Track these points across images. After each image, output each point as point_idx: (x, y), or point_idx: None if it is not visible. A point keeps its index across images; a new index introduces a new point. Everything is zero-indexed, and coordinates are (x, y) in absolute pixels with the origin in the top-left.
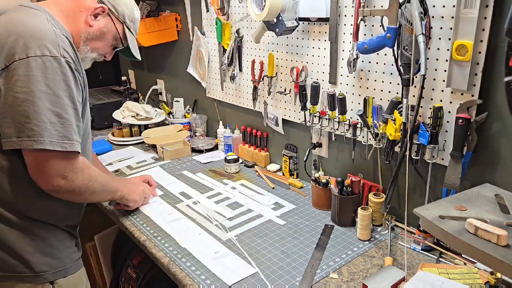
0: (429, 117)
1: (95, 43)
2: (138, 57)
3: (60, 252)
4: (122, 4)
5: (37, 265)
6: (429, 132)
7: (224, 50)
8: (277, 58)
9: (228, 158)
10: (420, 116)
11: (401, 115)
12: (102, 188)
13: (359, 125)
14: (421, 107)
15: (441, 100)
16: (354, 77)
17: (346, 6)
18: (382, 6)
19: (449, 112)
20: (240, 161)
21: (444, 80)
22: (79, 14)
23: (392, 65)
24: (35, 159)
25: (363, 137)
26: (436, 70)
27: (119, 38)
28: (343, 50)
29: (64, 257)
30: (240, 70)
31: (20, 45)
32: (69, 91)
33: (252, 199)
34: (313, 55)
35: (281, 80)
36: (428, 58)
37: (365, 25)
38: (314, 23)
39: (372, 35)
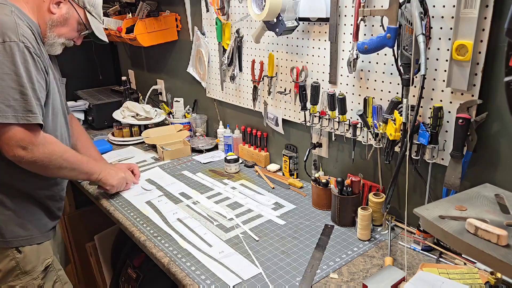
0: (429, 117)
1: (60, 29)
2: (105, 39)
3: (29, 223)
4: None
5: (7, 233)
6: (429, 132)
7: (224, 50)
8: (277, 58)
9: (228, 158)
10: (420, 116)
11: (401, 115)
12: (71, 166)
13: (359, 125)
14: (421, 107)
15: (441, 100)
16: (354, 77)
17: (346, 6)
18: (382, 6)
19: (449, 112)
20: (240, 161)
21: (444, 80)
22: (42, 4)
23: (392, 65)
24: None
25: (363, 137)
26: (436, 70)
27: (82, 23)
28: (343, 50)
29: (32, 227)
30: (240, 70)
31: None
32: (28, 72)
33: (252, 199)
34: (313, 55)
35: (281, 80)
36: (428, 58)
37: (365, 25)
38: (314, 23)
39: (372, 35)
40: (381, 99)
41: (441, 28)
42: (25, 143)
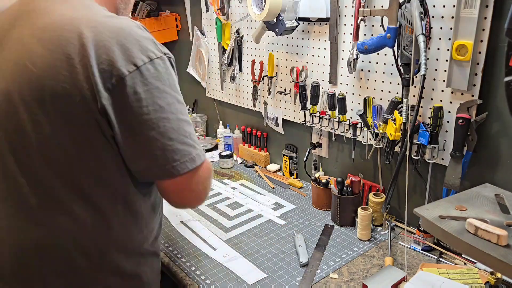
0: (429, 117)
1: (130, 8)
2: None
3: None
4: None
5: None
6: (429, 132)
7: (224, 50)
8: (277, 58)
9: (222, 154)
10: (420, 116)
11: (401, 115)
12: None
13: (359, 125)
14: (421, 107)
15: (441, 100)
16: (354, 77)
17: (346, 6)
18: (382, 6)
19: (449, 112)
20: (240, 161)
21: (444, 80)
22: None
23: (392, 65)
24: (179, 184)
25: (363, 137)
26: (436, 70)
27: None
28: (343, 50)
29: None
30: (240, 70)
31: (119, 54)
32: (180, 93)
33: (252, 199)
34: (313, 55)
35: (281, 80)
36: (428, 58)
37: (365, 25)
38: (314, 23)
39: (372, 35)
40: (381, 99)
41: (441, 28)
42: (207, 182)
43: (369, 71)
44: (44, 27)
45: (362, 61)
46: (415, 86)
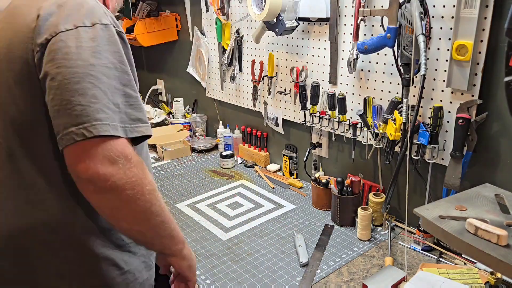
0: (429, 117)
1: None
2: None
3: None
4: None
5: None
6: (429, 132)
7: (224, 50)
8: (277, 58)
9: (223, 154)
10: (420, 116)
11: (401, 115)
12: (162, 213)
13: (359, 125)
14: (421, 107)
15: (441, 100)
16: (354, 77)
17: (346, 6)
18: (382, 6)
19: (449, 112)
20: (240, 161)
21: (444, 80)
22: None
23: (392, 65)
24: (86, 146)
25: (363, 137)
26: (436, 70)
27: None
28: (343, 50)
29: None
30: (240, 70)
31: (62, 16)
32: (125, 65)
33: (252, 199)
34: (313, 55)
35: (281, 80)
36: (428, 58)
37: (365, 25)
38: (314, 23)
39: (372, 35)
40: (381, 99)
41: (441, 28)
42: (118, 155)
43: (369, 71)
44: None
45: (362, 61)
46: (415, 86)
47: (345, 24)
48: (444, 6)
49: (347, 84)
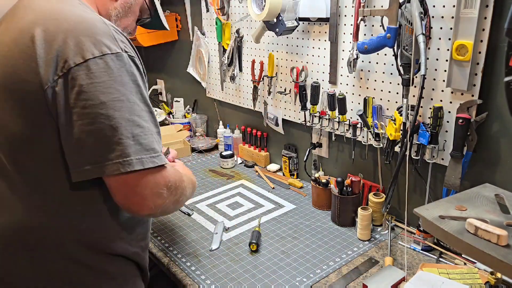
0: (429, 117)
1: (125, 21)
2: (167, 26)
3: None
4: None
5: None
6: (429, 132)
7: (224, 50)
8: (277, 58)
9: (223, 153)
10: (420, 116)
11: (401, 115)
12: (192, 184)
13: (359, 125)
14: (421, 107)
15: (441, 100)
16: (354, 77)
17: (346, 6)
18: (382, 6)
19: (449, 112)
20: (240, 161)
21: (444, 80)
22: None
23: (392, 65)
24: (123, 183)
25: (363, 137)
26: (436, 70)
27: (147, 8)
28: (343, 50)
29: None
30: (240, 70)
31: (71, 46)
32: (140, 93)
33: (252, 199)
34: (313, 55)
35: (281, 80)
36: (428, 58)
37: (365, 25)
38: (314, 23)
39: (372, 35)
40: (381, 99)
41: (441, 28)
42: (161, 189)
43: (369, 71)
44: (17, 21)
45: (362, 61)
46: (415, 86)
47: (345, 24)
48: (444, 6)
49: (347, 84)
